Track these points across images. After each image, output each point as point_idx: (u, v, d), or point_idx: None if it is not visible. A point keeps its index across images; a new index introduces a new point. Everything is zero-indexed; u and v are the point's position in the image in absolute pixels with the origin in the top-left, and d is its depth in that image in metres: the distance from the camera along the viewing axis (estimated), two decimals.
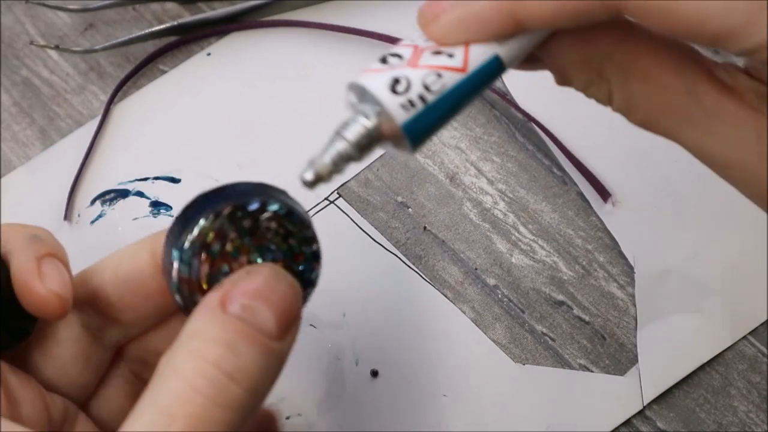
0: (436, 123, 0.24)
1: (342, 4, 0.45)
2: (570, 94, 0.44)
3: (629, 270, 0.40)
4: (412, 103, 0.23)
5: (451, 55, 0.23)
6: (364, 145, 0.24)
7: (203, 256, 0.27)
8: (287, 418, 0.38)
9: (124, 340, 0.31)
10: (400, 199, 0.42)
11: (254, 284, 0.26)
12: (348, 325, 0.39)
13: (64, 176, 0.42)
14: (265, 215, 0.28)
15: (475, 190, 0.42)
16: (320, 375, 0.39)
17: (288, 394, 0.38)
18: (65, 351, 0.29)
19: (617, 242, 0.40)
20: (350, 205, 0.42)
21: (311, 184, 0.25)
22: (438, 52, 0.23)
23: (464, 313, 0.40)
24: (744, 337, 0.39)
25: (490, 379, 0.39)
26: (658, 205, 0.41)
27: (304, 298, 0.29)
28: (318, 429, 0.38)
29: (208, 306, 0.26)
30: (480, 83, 0.24)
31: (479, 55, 0.23)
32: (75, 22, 0.46)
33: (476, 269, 0.40)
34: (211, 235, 0.27)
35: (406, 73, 0.23)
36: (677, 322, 0.39)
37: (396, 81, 0.23)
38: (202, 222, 0.27)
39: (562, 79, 0.26)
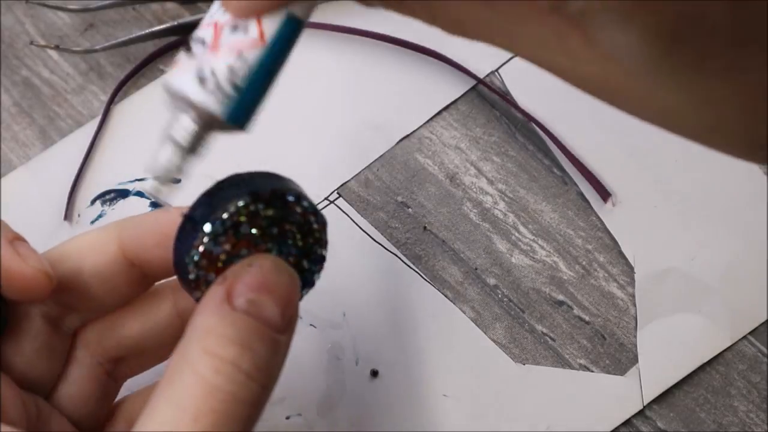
0: (255, 101, 0.24)
1: (342, 4, 0.45)
2: (570, 93, 0.44)
3: (629, 270, 0.40)
4: (225, 94, 0.23)
5: (246, 31, 0.23)
6: (197, 143, 0.25)
7: (230, 234, 0.27)
8: (287, 418, 0.38)
9: (81, 324, 0.30)
10: (400, 199, 0.42)
11: (258, 277, 0.26)
12: (348, 325, 0.39)
13: (64, 176, 0.42)
14: (297, 209, 0.28)
15: (475, 190, 0.42)
16: (320, 375, 0.39)
17: (288, 394, 0.38)
18: (30, 345, 0.29)
19: (617, 242, 0.40)
20: (350, 205, 0.42)
21: (156, 193, 0.25)
22: (236, 27, 0.23)
23: (464, 313, 0.40)
24: (744, 337, 0.39)
25: (490, 379, 0.39)
26: (658, 205, 0.41)
27: (300, 296, 0.29)
28: (318, 429, 0.38)
29: (214, 300, 0.26)
30: (283, 47, 0.24)
31: (272, 22, 0.23)
32: (75, 22, 0.46)
33: (476, 269, 0.40)
34: (244, 216, 0.27)
35: (211, 64, 0.23)
36: (677, 322, 0.39)
37: (202, 76, 0.23)
38: (240, 201, 0.26)
39: (365, 3, 0.25)
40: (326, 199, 0.42)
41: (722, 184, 0.41)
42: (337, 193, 0.42)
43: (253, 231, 0.27)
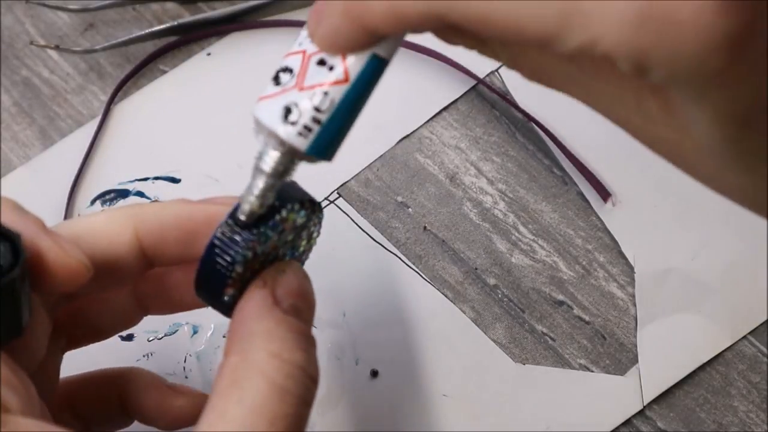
0: (338, 135, 0.25)
1: None
2: None
3: (629, 270, 0.40)
4: (308, 128, 0.24)
5: (331, 68, 0.24)
6: (282, 171, 0.26)
7: (275, 238, 0.28)
8: None
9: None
10: (400, 199, 0.42)
11: (296, 283, 0.28)
12: (348, 325, 0.39)
13: (64, 176, 0.42)
14: (315, 219, 0.30)
15: (475, 190, 0.42)
16: (320, 375, 0.39)
17: None
18: (36, 331, 0.28)
19: (617, 242, 0.40)
20: (350, 205, 0.42)
21: (249, 221, 0.27)
22: (322, 62, 0.24)
23: (464, 313, 0.40)
24: (744, 337, 0.39)
25: (490, 379, 0.39)
26: (658, 205, 0.41)
27: None
28: (318, 429, 0.38)
29: (265, 304, 0.27)
30: (367, 85, 0.25)
31: (357, 61, 0.24)
32: (75, 22, 0.46)
33: (476, 269, 0.40)
34: (289, 221, 0.28)
35: (296, 100, 0.24)
36: (677, 322, 0.39)
37: (288, 110, 0.24)
38: (290, 208, 0.28)
39: (448, 41, 0.26)
40: (326, 199, 0.42)
41: None
42: (337, 193, 0.42)
43: (290, 237, 0.29)
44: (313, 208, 0.29)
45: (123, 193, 0.42)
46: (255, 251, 0.28)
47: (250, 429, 0.25)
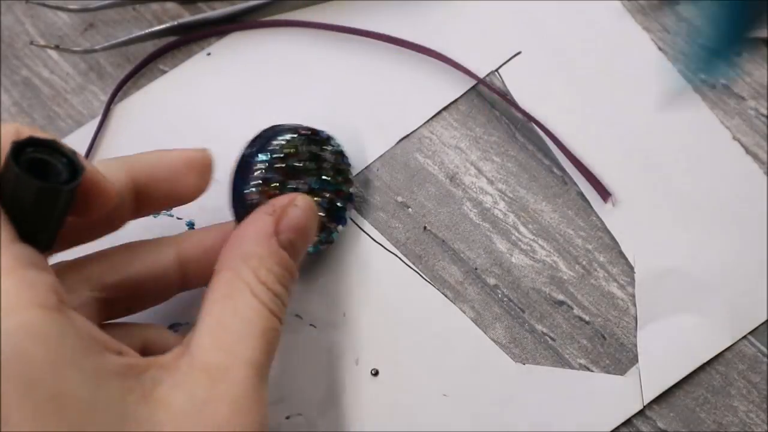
0: None
1: (342, 4, 0.45)
2: (570, 94, 0.44)
3: (629, 270, 0.40)
4: None
5: None
6: None
7: (280, 164, 0.33)
8: (287, 418, 0.38)
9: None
10: (400, 199, 0.42)
11: (301, 220, 0.32)
12: (348, 325, 0.39)
13: None
14: (329, 147, 0.35)
15: (475, 190, 0.42)
16: (320, 375, 0.39)
17: (288, 394, 0.38)
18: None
19: (617, 242, 0.40)
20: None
21: None
22: None
23: (464, 313, 0.40)
24: (744, 337, 0.39)
25: (490, 379, 0.39)
26: (658, 205, 0.41)
27: (336, 232, 0.38)
28: (318, 429, 0.38)
29: (265, 231, 0.31)
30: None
31: None
32: (75, 22, 0.46)
33: (476, 269, 0.40)
34: (292, 149, 0.33)
35: None
36: (677, 322, 0.39)
37: None
38: (287, 136, 0.33)
39: None
40: None
41: (722, 184, 0.41)
42: None
43: (297, 164, 0.33)
44: (318, 138, 0.34)
45: None
46: (264, 177, 0.33)
47: (245, 337, 0.29)
